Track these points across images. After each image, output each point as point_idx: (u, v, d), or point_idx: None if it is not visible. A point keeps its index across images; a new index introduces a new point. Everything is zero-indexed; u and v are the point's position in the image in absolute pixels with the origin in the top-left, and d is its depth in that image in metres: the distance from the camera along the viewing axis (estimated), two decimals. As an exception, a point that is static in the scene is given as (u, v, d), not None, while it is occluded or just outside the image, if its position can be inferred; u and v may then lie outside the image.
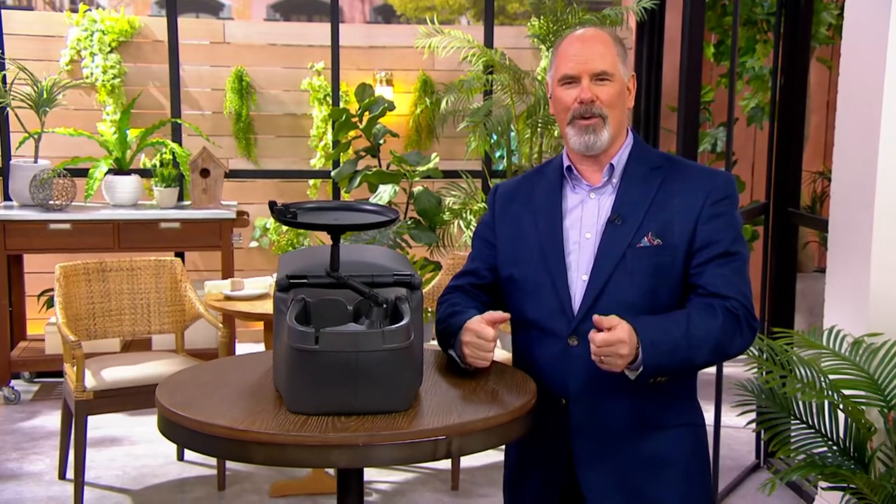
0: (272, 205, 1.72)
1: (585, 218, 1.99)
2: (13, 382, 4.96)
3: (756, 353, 3.04)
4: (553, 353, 1.95)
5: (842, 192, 3.27)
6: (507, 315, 1.95)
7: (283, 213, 1.71)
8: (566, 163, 2.04)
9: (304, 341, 1.63)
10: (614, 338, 1.78)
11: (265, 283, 4.04)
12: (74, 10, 5.74)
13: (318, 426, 1.62)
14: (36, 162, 4.99)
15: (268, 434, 1.60)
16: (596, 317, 1.81)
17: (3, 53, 5.17)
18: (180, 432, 1.69)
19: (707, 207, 1.94)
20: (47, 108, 4.99)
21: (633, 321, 1.83)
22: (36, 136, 4.97)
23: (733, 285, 1.91)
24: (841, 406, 2.79)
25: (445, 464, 3.94)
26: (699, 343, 1.86)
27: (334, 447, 1.59)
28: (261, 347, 5.47)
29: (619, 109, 1.98)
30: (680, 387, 2.01)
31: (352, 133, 5.06)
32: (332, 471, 3.85)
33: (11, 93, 4.97)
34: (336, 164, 5.45)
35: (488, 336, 1.90)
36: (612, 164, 2.00)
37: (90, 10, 5.69)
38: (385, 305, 1.71)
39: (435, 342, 2.10)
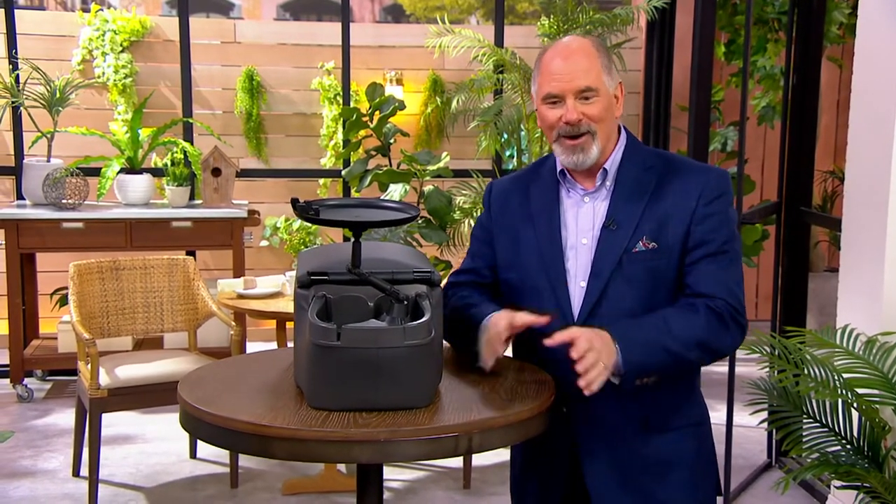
0: (294, 202, 1.73)
1: (581, 223, 1.98)
2: (26, 380, 4.98)
3: (768, 352, 3.05)
4: (553, 360, 1.93)
5: (855, 191, 3.27)
6: (546, 318, 1.89)
7: (306, 210, 1.73)
8: (559, 167, 2.02)
9: (326, 337, 1.64)
10: (584, 340, 1.76)
11: (278, 282, 4.06)
12: (86, 10, 5.77)
13: (339, 422, 1.64)
14: (49, 161, 5.01)
15: (290, 430, 1.61)
16: (547, 340, 1.79)
17: (16, 53, 5.19)
18: (203, 428, 1.70)
19: (701, 207, 1.93)
20: (60, 108, 5.01)
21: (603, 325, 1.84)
22: (49, 136, 4.99)
23: (719, 283, 1.90)
24: (855, 405, 2.79)
25: (457, 462, 3.95)
26: (679, 336, 1.85)
27: (356, 443, 1.60)
28: (272, 346, 5.49)
29: (607, 122, 1.95)
30: (681, 388, 2.01)
31: (362, 132, 5.06)
32: (344, 469, 3.87)
33: (25, 92, 4.99)
34: (346, 163, 5.46)
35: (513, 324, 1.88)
36: (605, 169, 1.98)
37: (102, 9, 5.71)
38: (406, 302, 1.72)
39: None
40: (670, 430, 1.98)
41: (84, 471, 3.77)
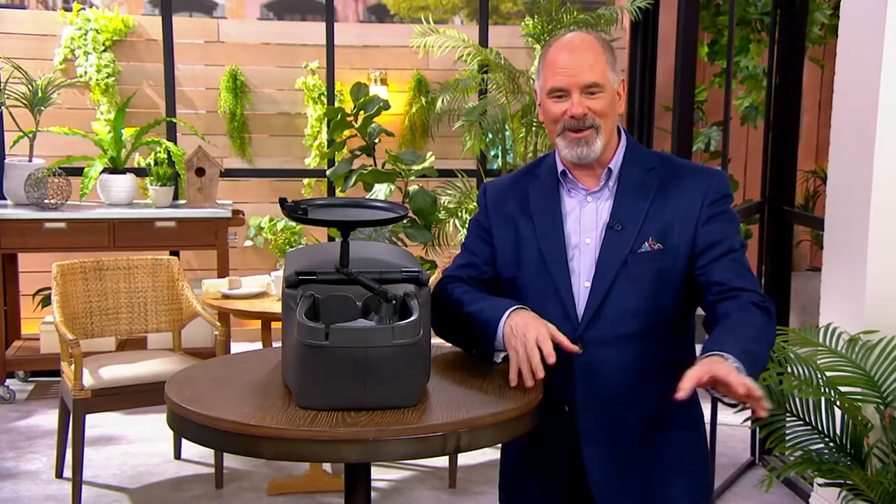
0: (283, 201, 1.73)
1: (584, 222, 1.98)
2: (8, 381, 4.95)
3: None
4: (556, 360, 1.92)
5: (837, 190, 3.30)
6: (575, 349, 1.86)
7: (294, 210, 1.72)
8: (560, 167, 2.02)
9: (314, 337, 1.63)
10: (704, 370, 1.67)
11: (263, 282, 4.05)
12: (68, 9, 5.72)
13: (328, 421, 1.63)
14: (31, 161, 4.98)
15: (278, 429, 1.61)
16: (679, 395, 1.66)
17: (-3, 52, 5.16)
18: (190, 427, 1.69)
19: (706, 208, 1.94)
20: (42, 107, 4.98)
21: (711, 348, 1.75)
22: (31, 135, 4.96)
23: (745, 277, 1.92)
24: (837, 403, 2.82)
25: (443, 461, 3.95)
26: (760, 340, 1.82)
27: (345, 442, 1.60)
28: (257, 346, 5.47)
29: (611, 118, 1.95)
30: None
31: (347, 132, 5.06)
32: (329, 469, 3.86)
33: (6, 92, 4.96)
34: (331, 163, 5.45)
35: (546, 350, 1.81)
36: (609, 169, 1.99)
37: (84, 8, 5.67)
38: (394, 301, 1.71)
39: (441, 340, 2.08)
40: (673, 430, 1.99)
41: (67, 472, 3.75)
